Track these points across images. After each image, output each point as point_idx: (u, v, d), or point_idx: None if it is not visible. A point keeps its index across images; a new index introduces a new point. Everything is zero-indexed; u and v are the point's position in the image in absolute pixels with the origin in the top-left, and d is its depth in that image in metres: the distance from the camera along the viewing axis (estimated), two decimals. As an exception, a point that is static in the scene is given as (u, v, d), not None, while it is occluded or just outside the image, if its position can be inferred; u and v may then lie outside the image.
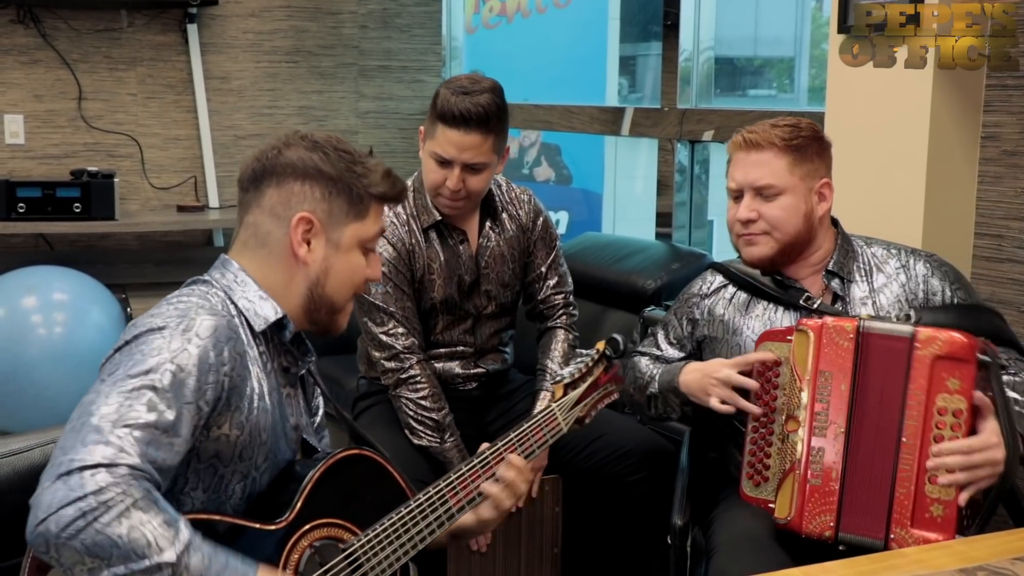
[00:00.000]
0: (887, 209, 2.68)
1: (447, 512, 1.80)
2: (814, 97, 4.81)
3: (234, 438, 1.61)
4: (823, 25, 4.67)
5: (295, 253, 1.71)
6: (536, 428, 1.93)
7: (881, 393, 2.02)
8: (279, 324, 1.72)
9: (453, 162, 2.54)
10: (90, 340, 3.82)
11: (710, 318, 2.36)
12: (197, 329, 1.56)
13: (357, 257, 1.76)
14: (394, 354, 2.63)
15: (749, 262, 2.28)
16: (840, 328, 2.06)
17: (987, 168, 2.71)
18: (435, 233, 2.68)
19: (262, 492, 1.70)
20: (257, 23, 4.86)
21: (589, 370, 2.03)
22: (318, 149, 1.72)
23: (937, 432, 1.96)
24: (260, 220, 1.73)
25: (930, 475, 1.96)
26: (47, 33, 4.54)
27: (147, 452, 1.45)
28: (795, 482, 2.04)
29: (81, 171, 4.37)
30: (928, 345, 1.98)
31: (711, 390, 2.20)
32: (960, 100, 2.65)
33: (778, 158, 2.21)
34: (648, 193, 4.65)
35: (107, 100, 4.68)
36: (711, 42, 4.04)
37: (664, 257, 3.51)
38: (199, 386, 1.53)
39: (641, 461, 2.65)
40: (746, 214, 2.22)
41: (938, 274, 2.24)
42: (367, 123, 5.12)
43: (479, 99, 2.50)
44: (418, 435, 2.62)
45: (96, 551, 1.38)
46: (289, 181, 1.71)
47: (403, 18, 5.14)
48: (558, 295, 2.86)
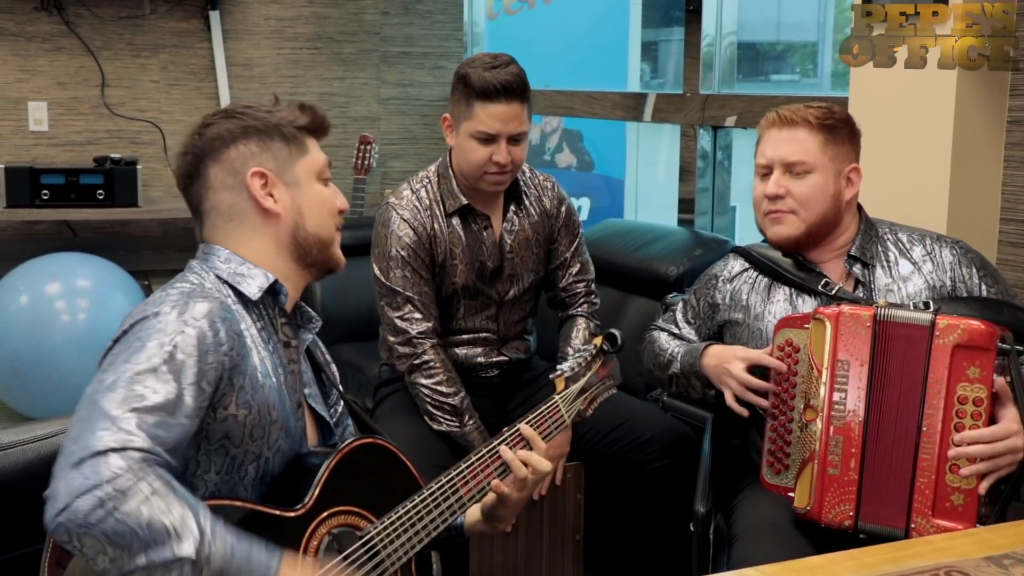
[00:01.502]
0: (911, 194, 2.66)
1: (459, 501, 1.81)
2: (837, 82, 4.77)
3: (242, 418, 1.62)
4: (846, 10, 4.63)
5: (264, 209, 1.73)
6: (540, 419, 1.95)
7: (900, 382, 2.01)
8: (273, 290, 1.73)
9: (498, 136, 2.56)
10: (113, 326, 3.81)
11: (732, 302, 2.35)
12: (192, 312, 1.58)
13: (319, 187, 1.78)
14: (408, 339, 2.63)
15: (774, 241, 2.27)
16: (857, 316, 2.05)
17: (1013, 153, 2.68)
18: (459, 218, 2.68)
19: (276, 477, 1.71)
20: (279, 9, 4.87)
21: (588, 364, 2.04)
22: (232, 115, 1.76)
23: (958, 421, 1.95)
24: (217, 199, 1.75)
25: (951, 464, 1.95)
26: (70, 20, 4.55)
27: (156, 434, 1.46)
28: (814, 471, 2.04)
29: (104, 158, 4.40)
30: (948, 334, 1.97)
31: (723, 381, 2.22)
32: (986, 85, 2.62)
33: (811, 136, 2.20)
34: (670, 179, 4.64)
35: (130, 87, 4.70)
36: (734, 27, 4.02)
37: (686, 243, 3.50)
38: (200, 367, 1.54)
39: (664, 448, 2.65)
40: (774, 189, 2.21)
41: (964, 261, 2.22)
42: (389, 109, 5.12)
43: (511, 69, 2.56)
44: (437, 421, 2.62)
45: (117, 540, 1.39)
46: (223, 151, 1.74)
47: (425, 4, 5.14)
48: (580, 283, 2.85)
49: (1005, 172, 2.70)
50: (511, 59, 2.60)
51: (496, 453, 1.87)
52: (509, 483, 1.88)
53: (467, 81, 2.55)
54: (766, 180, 2.24)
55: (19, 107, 4.59)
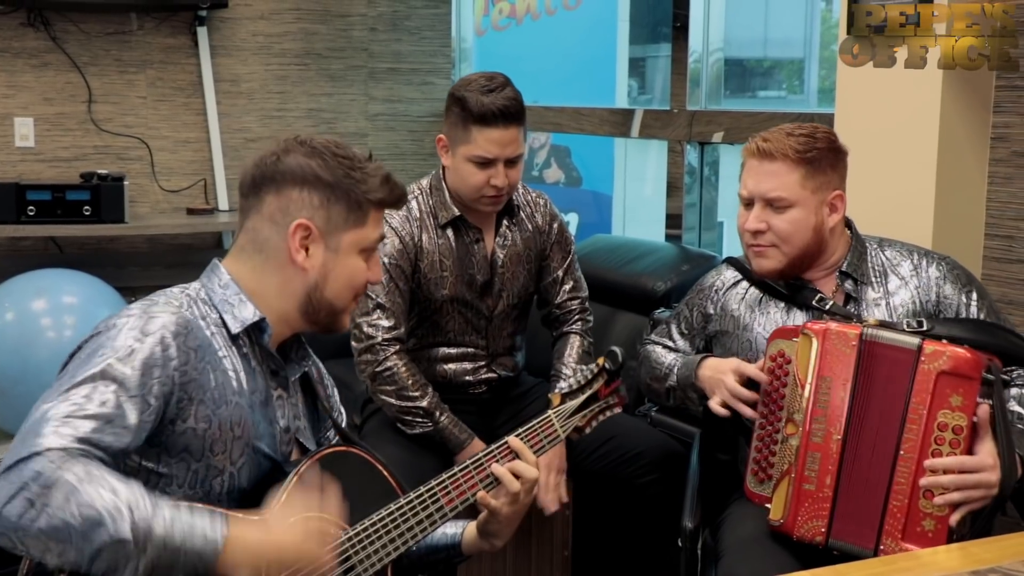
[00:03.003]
0: (897, 210, 2.68)
1: (439, 510, 1.81)
2: (824, 98, 4.80)
3: (201, 431, 1.62)
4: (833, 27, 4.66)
5: (293, 259, 1.72)
6: (532, 433, 1.95)
7: (882, 403, 2.01)
8: (257, 327, 1.73)
9: (496, 160, 2.56)
10: (100, 343, 3.84)
11: (723, 313, 2.36)
12: (145, 327, 1.59)
13: (356, 261, 1.76)
14: (370, 346, 2.63)
15: (759, 273, 2.28)
16: (843, 334, 2.05)
17: (997, 169, 2.70)
18: (451, 230, 2.69)
19: (246, 490, 1.70)
20: (267, 26, 4.88)
21: (588, 383, 2.05)
22: (316, 155, 1.72)
23: (935, 447, 1.95)
24: (259, 226, 1.74)
25: (925, 490, 1.95)
26: (57, 36, 4.55)
27: (89, 437, 1.48)
28: (790, 485, 2.05)
29: (91, 174, 4.39)
30: (934, 360, 1.97)
31: (715, 389, 2.22)
32: (970, 101, 2.65)
33: (791, 171, 2.19)
34: (658, 195, 4.65)
35: (117, 103, 4.70)
36: (720, 43, 4.05)
37: (674, 259, 3.51)
38: (143, 381, 1.55)
39: (653, 464, 2.65)
40: (755, 224, 2.22)
41: (951, 277, 2.23)
42: (377, 125, 5.13)
43: (507, 92, 2.56)
44: (410, 425, 2.63)
45: (55, 535, 1.41)
46: (288, 188, 1.71)
47: (413, 20, 5.15)
48: (574, 300, 2.86)
49: (989, 188, 2.72)
50: (506, 80, 2.60)
51: (482, 465, 1.87)
52: (501, 497, 1.88)
53: (464, 105, 2.55)
54: (749, 210, 2.25)
55: (5, 123, 4.58)
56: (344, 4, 5.00)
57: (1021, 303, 2.66)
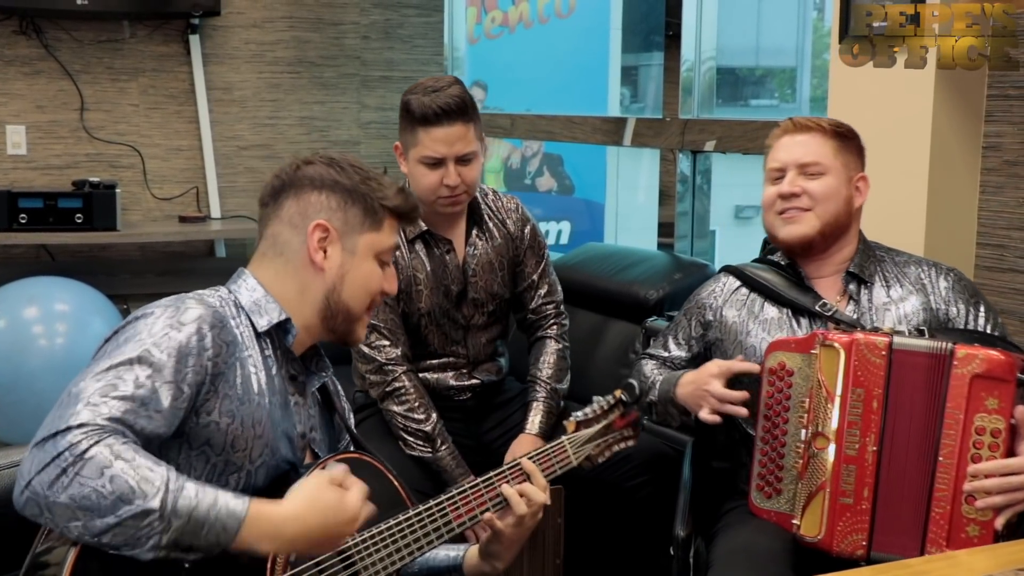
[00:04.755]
0: (889, 218, 2.69)
1: (447, 526, 1.82)
2: (816, 107, 4.82)
3: (224, 426, 1.65)
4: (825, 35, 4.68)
5: (312, 260, 1.77)
6: (545, 457, 1.97)
7: (916, 411, 2.00)
8: (283, 328, 1.76)
9: (444, 159, 2.57)
10: (91, 351, 3.82)
11: (722, 320, 2.35)
12: (181, 316, 1.63)
13: (372, 266, 1.82)
14: (379, 366, 2.64)
15: (787, 241, 2.27)
16: (872, 344, 2.03)
17: (989, 178, 2.71)
18: (421, 244, 2.70)
19: (260, 489, 1.71)
20: (259, 34, 4.88)
21: (604, 413, 2.08)
22: (335, 165, 1.81)
23: (975, 452, 1.94)
24: (279, 230, 1.80)
25: (967, 495, 1.94)
26: (49, 44, 4.55)
27: (125, 418, 1.51)
28: (825, 500, 2.02)
29: (83, 182, 4.39)
30: (966, 363, 1.96)
31: (701, 402, 2.20)
32: (961, 110, 2.65)
33: (825, 141, 2.27)
34: (650, 203, 4.66)
35: (109, 111, 4.70)
36: (713, 52, 4.05)
37: (666, 267, 3.51)
38: (178, 367, 1.58)
39: (641, 466, 2.65)
40: (789, 187, 2.25)
41: (958, 288, 2.24)
42: (369, 133, 5.14)
43: (451, 91, 2.58)
44: (410, 446, 2.63)
45: (84, 503, 1.44)
46: (306, 192, 1.79)
47: (405, 29, 5.16)
48: (549, 304, 2.87)
49: (981, 197, 2.73)
50: (454, 80, 2.63)
51: (493, 484, 1.89)
52: (507, 518, 1.88)
53: (408, 107, 2.59)
54: (777, 183, 2.28)
55: (-3, 130, 4.58)
56: (337, 12, 5.00)
57: (1013, 312, 2.67)
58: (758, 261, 2.40)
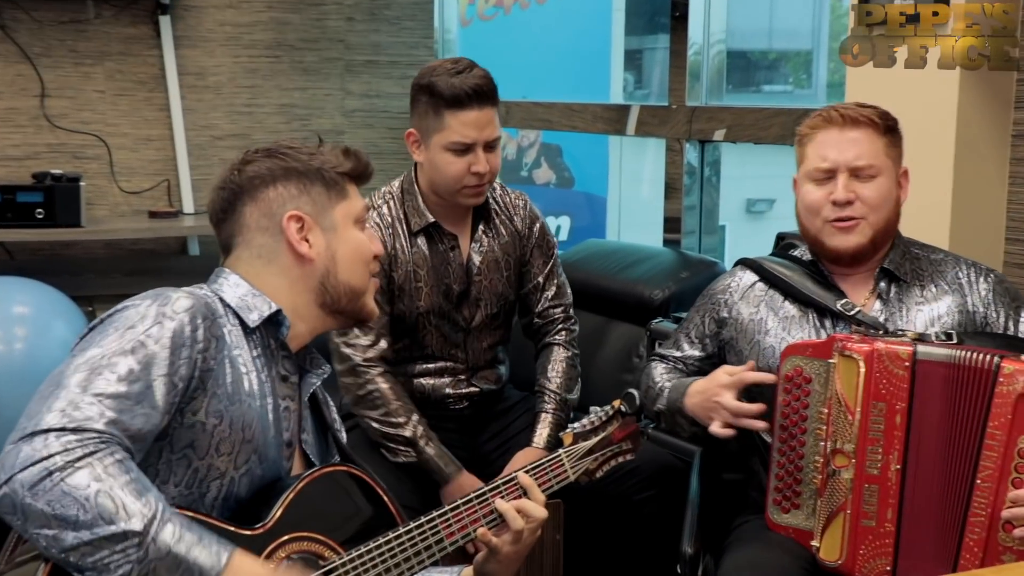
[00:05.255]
0: (911, 213, 2.68)
1: (439, 544, 1.82)
2: (833, 93, 4.83)
3: (211, 427, 1.65)
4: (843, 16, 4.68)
5: (297, 253, 1.80)
6: (542, 471, 1.98)
7: (944, 426, 1.98)
8: (275, 321, 1.78)
9: (474, 144, 2.58)
10: (53, 356, 3.82)
11: (738, 317, 2.34)
12: (172, 306, 1.65)
13: (356, 234, 1.86)
14: (351, 367, 2.65)
15: (841, 252, 2.23)
16: (894, 354, 2.01)
17: (1019, 169, 2.72)
18: (424, 237, 2.69)
19: (242, 499, 1.72)
20: (235, 15, 4.87)
21: (603, 424, 2.08)
22: (273, 155, 1.84)
23: (1016, 476, 1.92)
24: (250, 239, 1.81)
25: (1004, 522, 1.93)
26: (7, 25, 4.54)
27: (116, 419, 1.52)
28: (846, 522, 2.03)
29: (44, 174, 4.38)
30: (1013, 381, 1.93)
31: (712, 414, 2.20)
32: (989, 96, 2.66)
33: (877, 138, 2.22)
34: (655, 197, 4.66)
35: (72, 97, 4.69)
36: (722, 34, 4.06)
37: (672, 265, 3.52)
38: (172, 360, 1.60)
39: (650, 478, 2.65)
40: (845, 195, 2.19)
41: (999, 291, 2.23)
42: (354, 122, 5.13)
43: (477, 72, 2.60)
44: (394, 453, 2.64)
45: (62, 513, 1.44)
46: (261, 191, 1.81)
47: (392, 9, 5.16)
48: (557, 308, 2.87)
49: (1010, 188, 2.73)
50: (472, 62, 2.64)
51: (487, 500, 1.89)
52: (504, 535, 1.89)
53: (433, 90, 2.57)
54: (824, 185, 2.22)
55: (-49, 119, 4.58)
56: (318, -9, 5.00)
57: (1044, 312, 2.67)
58: (776, 254, 2.40)
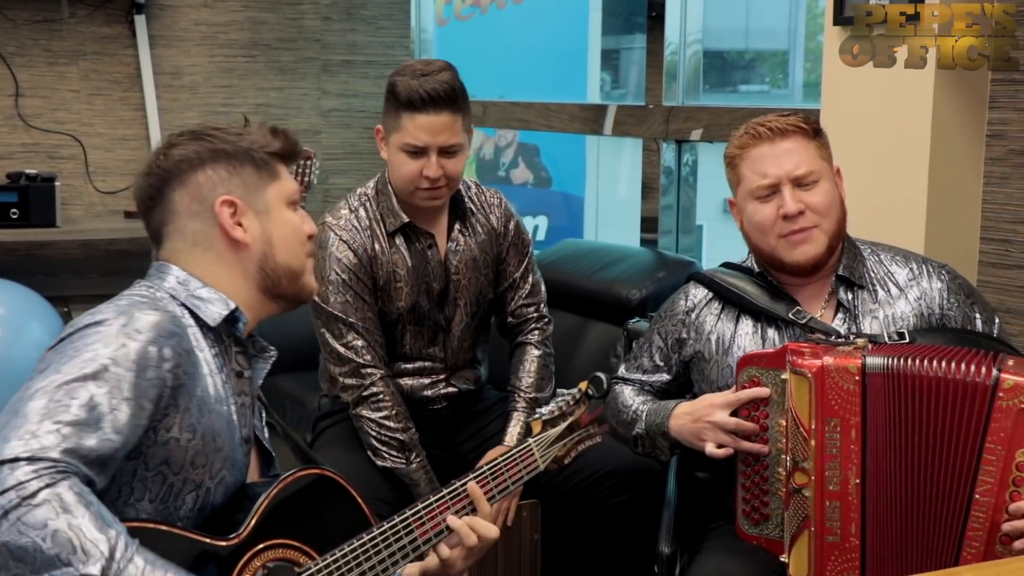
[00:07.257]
0: (887, 212, 2.70)
1: (412, 543, 1.82)
2: (810, 93, 4.84)
3: (185, 442, 1.63)
4: (819, 16, 4.70)
5: (233, 239, 1.76)
6: (511, 463, 1.97)
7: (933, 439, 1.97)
8: (232, 318, 1.75)
9: (427, 149, 2.57)
10: (28, 358, 3.77)
11: (698, 335, 2.32)
12: (137, 324, 1.59)
13: (290, 215, 1.82)
14: (354, 368, 2.63)
15: (800, 264, 2.20)
16: (842, 369, 2.00)
17: (993, 168, 2.73)
18: (401, 237, 2.69)
19: (216, 508, 1.71)
20: (211, 14, 4.85)
21: (570, 409, 2.07)
22: (199, 137, 1.79)
23: (1013, 490, 1.91)
24: (181, 225, 1.77)
25: (1002, 535, 1.92)
26: (-19, 24, 4.52)
27: (75, 447, 1.47)
28: (811, 539, 2.02)
29: (18, 174, 4.35)
30: (1015, 395, 1.91)
31: (705, 435, 2.16)
32: (964, 96, 2.67)
33: (808, 143, 2.21)
34: (632, 196, 4.66)
35: (47, 97, 4.66)
36: (699, 34, 4.06)
37: (650, 265, 3.52)
38: (138, 382, 1.55)
39: (625, 481, 2.65)
40: (795, 206, 2.16)
41: (952, 288, 2.22)
42: (330, 122, 5.12)
43: (440, 77, 2.56)
44: (382, 456, 2.62)
45: (19, 553, 1.39)
46: (190, 176, 1.76)
47: (369, 9, 5.15)
48: (530, 306, 2.86)
49: (985, 188, 2.74)
50: (446, 65, 2.62)
51: (457, 495, 1.89)
52: (455, 549, 1.88)
53: (394, 90, 2.58)
54: (769, 201, 2.19)
55: (-75, 119, 4.55)
56: (295, -9, 4.99)
57: (1018, 311, 2.68)
58: (727, 266, 2.36)
